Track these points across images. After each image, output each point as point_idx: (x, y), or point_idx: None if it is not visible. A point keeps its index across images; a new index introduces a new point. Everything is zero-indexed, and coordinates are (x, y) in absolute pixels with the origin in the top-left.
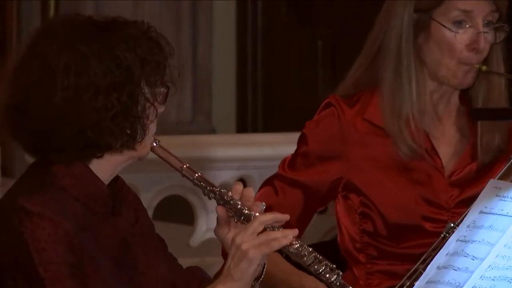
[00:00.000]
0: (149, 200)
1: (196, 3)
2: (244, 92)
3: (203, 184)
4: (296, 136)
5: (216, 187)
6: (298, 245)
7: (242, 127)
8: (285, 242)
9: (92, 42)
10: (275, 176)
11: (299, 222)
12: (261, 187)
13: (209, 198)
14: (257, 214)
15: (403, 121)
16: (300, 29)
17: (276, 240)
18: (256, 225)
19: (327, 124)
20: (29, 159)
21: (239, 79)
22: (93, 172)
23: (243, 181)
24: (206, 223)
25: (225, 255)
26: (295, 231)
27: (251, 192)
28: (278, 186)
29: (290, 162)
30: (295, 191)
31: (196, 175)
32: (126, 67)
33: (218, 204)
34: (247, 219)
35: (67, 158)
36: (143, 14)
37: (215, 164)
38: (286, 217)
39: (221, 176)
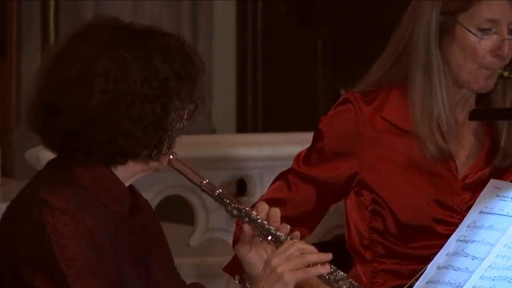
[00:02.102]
0: (149, 200)
1: (196, 3)
2: (244, 92)
3: (227, 201)
4: (296, 136)
5: (241, 205)
6: (332, 269)
7: (242, 127)
8: (322, 271)
9: (134, 50)
10: (289, 171)
11: (311, 218)
12: (274, 181)
13: (232, 215)
14: (283, 234)
15: (434, 122)
16: (300, 29)
17: (314, 268)
18: (293, 251)
19: (343, 120)
20: (29, 159)
21: (239, 79)
22: (114, 173)
23: (243, 181)
24: (206, 223)
25: (238, 270)
26: (329, 256)
27: (278, 212)
28: (291, 181)
29: (304, 157)
30: (308, 187)
31: (218, 191)
32: (163, 79)
33: (243, 222)
34: (276, 239)
35: (92, 161)
36: (143, 14)
37: (215, 164)
38: (328, 256)
39: (221, 176)
